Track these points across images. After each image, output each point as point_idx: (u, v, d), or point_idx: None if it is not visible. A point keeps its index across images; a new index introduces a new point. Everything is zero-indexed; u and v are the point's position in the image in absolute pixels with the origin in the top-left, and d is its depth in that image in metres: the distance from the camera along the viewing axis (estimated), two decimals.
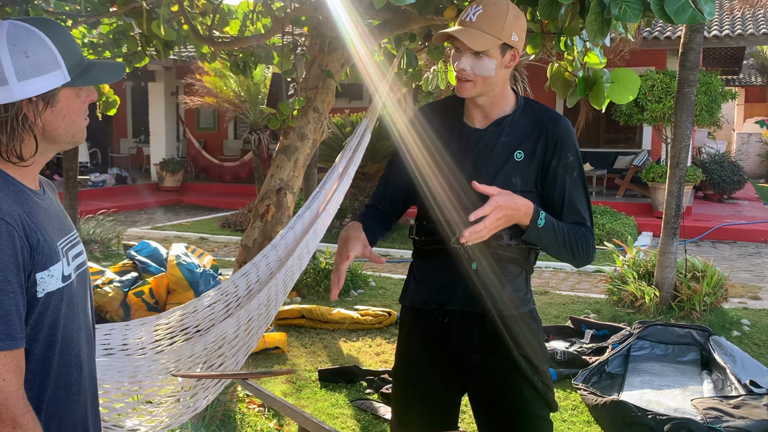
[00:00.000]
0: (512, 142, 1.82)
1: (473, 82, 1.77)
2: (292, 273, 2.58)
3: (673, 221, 5.65)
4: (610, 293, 5.89)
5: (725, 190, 12.81)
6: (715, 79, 10.66)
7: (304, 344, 4.94)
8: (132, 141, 17.46)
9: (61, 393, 1.25)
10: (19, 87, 1.15)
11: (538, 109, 1.87)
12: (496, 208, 1.65)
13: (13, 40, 1.16)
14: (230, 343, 2.39)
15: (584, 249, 1.81)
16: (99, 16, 3.79)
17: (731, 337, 5.02)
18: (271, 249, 2.65)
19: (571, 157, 1.81)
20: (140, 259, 5.61)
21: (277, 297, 2.54)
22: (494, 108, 1.85)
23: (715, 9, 2.19)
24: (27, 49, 1.16)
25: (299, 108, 3.42)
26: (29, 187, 1.25)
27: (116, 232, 8.38)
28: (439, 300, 1.86)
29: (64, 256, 1.25)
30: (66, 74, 1.20)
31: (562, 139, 1.81)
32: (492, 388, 1.86)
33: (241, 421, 3.54)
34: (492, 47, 1.73)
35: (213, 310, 2.52)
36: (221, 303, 2.53)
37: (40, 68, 1.17)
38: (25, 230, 1.16)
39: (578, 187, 1.82)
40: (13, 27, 1.17)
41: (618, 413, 3.53)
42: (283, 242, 2.68)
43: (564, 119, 1.85)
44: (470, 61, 1.75)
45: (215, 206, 12.97)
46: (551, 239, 1.76)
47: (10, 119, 1.17)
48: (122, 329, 2.47)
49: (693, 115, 5.72)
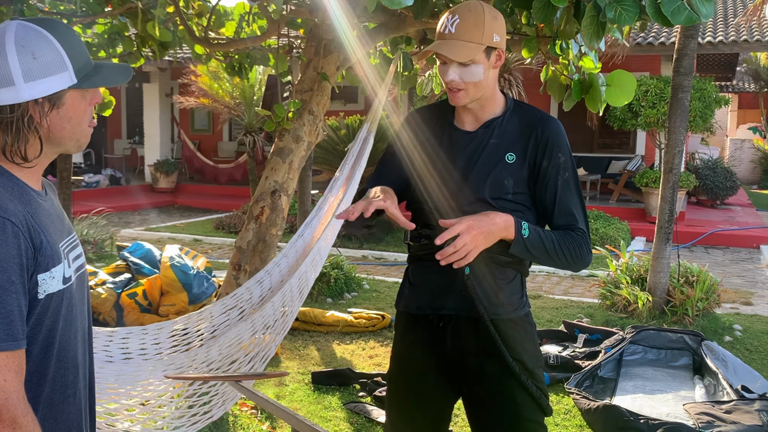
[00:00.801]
0: (502, 144, 1.82)
1: (465, 91, 1.77)
2: (307, 279, 2.58)
3: (667, 226, 5.67)
4: (603, 298, 5.91)
5: (718, 195, 12.86)
6: (709, 85, 10.71)
7: (297, 347, 4.93)
8: (126, 142, 17.42)
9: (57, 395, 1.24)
10: (25, 88, 1.15)
11: (528, 111, 1.87)
12: (467, 228, 1.62)
13: (21, 41, 1.15)
14: (246, 348, 2.38)
15: (578, 254, 1.78)
16: (94, 16, 3.79)
17: (723, 343, 5.04)
18: (282, 257, 2.66)
19: (562, 158, 1.80)
20: (134, 261, 5.59)
21: (293, 303, 2.53)
22: (484, 111, 1.85)
23: (712, 10, 2.19)
24: (35, 51, 1.16)
25: (294, 110, 3.42)
26: (33, 188, 1.24)
27: (110, 233, 8.36)
28: (434, 305, 1.85)
29: (65, 257, 1.24)
30: (73, 76, 1.20)
31: (553, 140, 1.80)
32: (486, 393, 1.86)
33: (234, 424, 3.53)
34: (477, 54, 1.73)
35: (228, 317, 2.52)
36: (236, 310, 2.53)
37: (47, 70, 1.17)
38: (30, 231, 1.16)
39: (570, 187, 1.82)
40: (21, 28, 1.17)
41: (610, 418, 3.53)
42: (293, 250, 2.68)
43: (554, 120, 1.85)
44: (458, 71, 1.75)
45: (209, 208, 12.95)
46: (539, 249, 1.73)
47: (16, 120, 1.16)
48: (140, 334, 2.47)
49: (687, 120, 5.74)
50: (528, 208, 1.83)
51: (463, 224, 1.62)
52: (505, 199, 1.80)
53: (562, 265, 1.79)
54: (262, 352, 2.43)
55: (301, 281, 2.52)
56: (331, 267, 6.41)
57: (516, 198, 1.81)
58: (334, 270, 6.37)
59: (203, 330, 2.49)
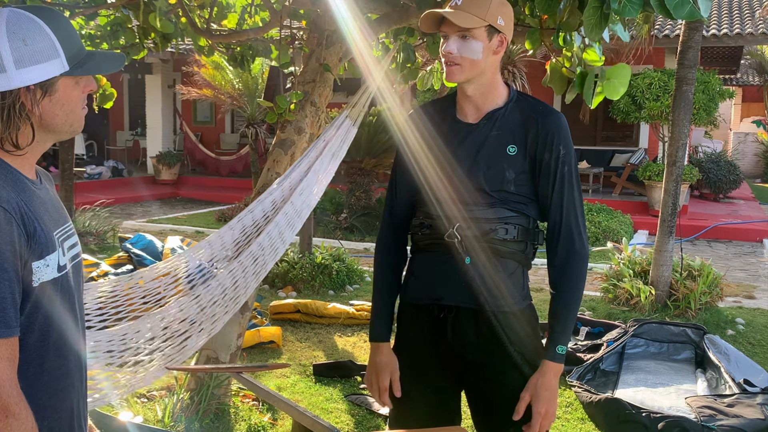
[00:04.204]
0: (504, 136, 1.81)
1: (460, 66, 1.77)
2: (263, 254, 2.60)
3: (669, 219, 5.66)
4: (606, 291, 5.90)
5: (721, 189, 12.82)
6: (713, 78, 10.67)
7: (299, 339, 4.93)
8: (128, 134, 17.41)
9: (55, 383, 1.24)
10: (17, 75, 1.15)
11: (531, 103, 1.86)
12: (546, 415, 1.77)
13: (12, 27, 1.15)
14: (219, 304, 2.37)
15: (582, 275, 1.83)
16: (97, 7, 3.77)
17: (726, 336, 5.03)
18: (246, 213, 2.68)
19: (563, 151, 1.79)
20: (136, 252, 5.60)
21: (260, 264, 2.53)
22: (485, 101, 1.84)
23: (710, 6, 2.18)
24: (26, 37, 1.15)
25: (296, 102, 3.41)
26: (26, 176, 1.24)
27: (112, 225, 8.36)
28: (435, 295, 1.85)
29: (59, 246, 1.24)
30: (65, 63, 1.19)
31: (554, 133, 1.80)
32: (487, 384, 1.85)
33: (235, 415, 3.53)
34: (477, 26, 1.73)
35: (160, 283, 2.50)
36: (170, 277, 2.52)
37: (39, 56, 1.16)
38: (23, 218, 1.15)
39: (570, 182, 1.81)
40: (12, 14, 1.17)
41: (612, 411, 3.53)
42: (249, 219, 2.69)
43: (556, 112, 1.84)
44: (457, 43, 1.75)
45: (211, 200, 12.94)
46: (573, 318, 1.82)
47: (7, 107, 1.16)
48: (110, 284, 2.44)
49: (690, 113, 5.72)
50: (530, 200, 1.83)
51: (541, 410, 1.76)
52: (507, 191, 1.79)
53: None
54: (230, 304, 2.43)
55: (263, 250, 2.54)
56: (333, 259, 6.41)
57: (518, 190, 1.80)
58: (335, 262, 6.37)
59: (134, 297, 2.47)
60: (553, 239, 1.84)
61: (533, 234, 1.85)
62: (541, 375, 1.78)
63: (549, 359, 1.79)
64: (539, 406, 1.76)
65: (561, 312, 1.81)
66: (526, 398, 1.77)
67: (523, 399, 1.77)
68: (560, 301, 1.82)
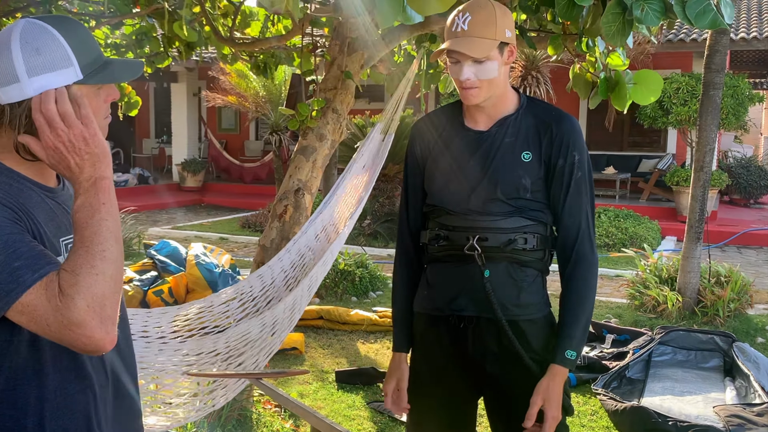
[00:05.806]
0: (517, 142, 1.79)
1: (479, 89, 1.74)
2: (317, 279, 2.60)
3: (697, 225, 5.57)
4: (632, 298, 5.82)
5: (752, 194, 12.60)
6: (742, 82, 10.50)
7: (321, 345, 4.94)
8: (154, 141, 17.62)
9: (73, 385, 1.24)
10: (29, 83, 1.16)
11: (543, 108, 1.84)
12: (552, 420, 1.73)
13: (27, 37, 1.16)
14: (253, 343, 2.39)
15: (593, 283, 1.82)
16: (122, 17, 3.83)
17: (755, 344, 4.93)
18: (285, 252, 2.67)
19: (577, 156, 1.77)
20: (160, 259, 5.65)
21: (302, 301, 2.54)
22: (496, 109, 1.81)
23: (733, 13, 2.14)
24: (39, 47, 1.16)
25: (318, 109, 3.42)
26: (42, 183, 1.25)
27: (137, 232, 8.46)
28: (454, 306, 1.83)
29: (65, 252, 1.24)
30: (78, 72, 1.20)
31: (568, 138, 1.77)
32: (507, 393, 1.84)
33: (257, 422, 3.54)
34: (492, 50, 1.70)
35: (228, 307, 2.52)
36: (237, 301, 2.54)
37: (51, 65, 1.17)
38: (21, 211, 1.15)
39: (583, 188, 1.78)
40: (27, 25, 1.18)
41: (638, 419, 3.48)
42: (296, 247, 2.69)
43: (570, 117, 1.81)
44: (473, 69, 1.72)
45: (236, 207, 13.04)
46: (582, 324, 1.80)
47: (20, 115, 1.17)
48: (144, 315, 2.47)
49: (718, 118, 5.63)
50: (546, 205, 1.80)
51: (554, 414, 1.73)
52: (524, 198, 1.77)
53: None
54: (267, 347, 2.43)
55: (312, 281, 2.53)
56: (356, 266, 6.41)
57: (534, 197, 1.78)
58: (359, 269, 6.37)
59: (205, 320, 2.49)
60: (563, 245, 1.81)
61: (551, 241, 1.83)
62: (551, 379, 1.74)
63: (558, 363, 1.75)
64: (552, 410, 1.73)
65: (571, 317, 1.78)
66: (538, 402, 1.73)
67: (536, 404, 1.73)
68: (570, 307, 1.79)
